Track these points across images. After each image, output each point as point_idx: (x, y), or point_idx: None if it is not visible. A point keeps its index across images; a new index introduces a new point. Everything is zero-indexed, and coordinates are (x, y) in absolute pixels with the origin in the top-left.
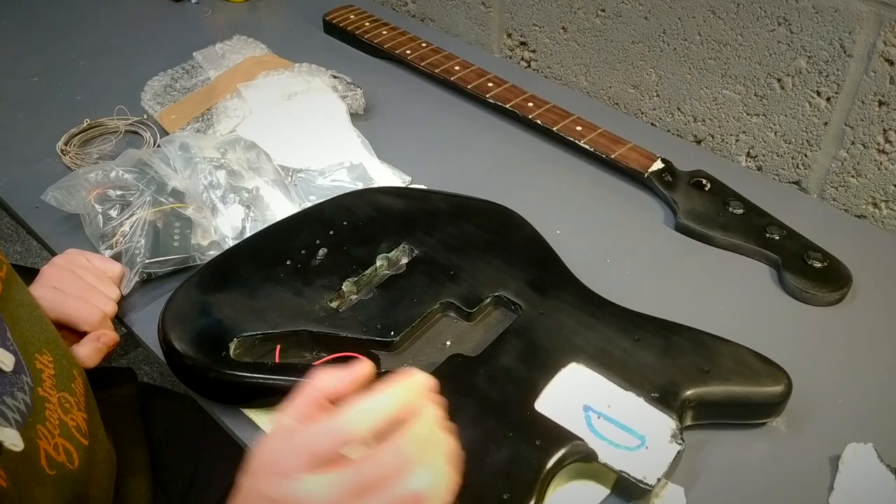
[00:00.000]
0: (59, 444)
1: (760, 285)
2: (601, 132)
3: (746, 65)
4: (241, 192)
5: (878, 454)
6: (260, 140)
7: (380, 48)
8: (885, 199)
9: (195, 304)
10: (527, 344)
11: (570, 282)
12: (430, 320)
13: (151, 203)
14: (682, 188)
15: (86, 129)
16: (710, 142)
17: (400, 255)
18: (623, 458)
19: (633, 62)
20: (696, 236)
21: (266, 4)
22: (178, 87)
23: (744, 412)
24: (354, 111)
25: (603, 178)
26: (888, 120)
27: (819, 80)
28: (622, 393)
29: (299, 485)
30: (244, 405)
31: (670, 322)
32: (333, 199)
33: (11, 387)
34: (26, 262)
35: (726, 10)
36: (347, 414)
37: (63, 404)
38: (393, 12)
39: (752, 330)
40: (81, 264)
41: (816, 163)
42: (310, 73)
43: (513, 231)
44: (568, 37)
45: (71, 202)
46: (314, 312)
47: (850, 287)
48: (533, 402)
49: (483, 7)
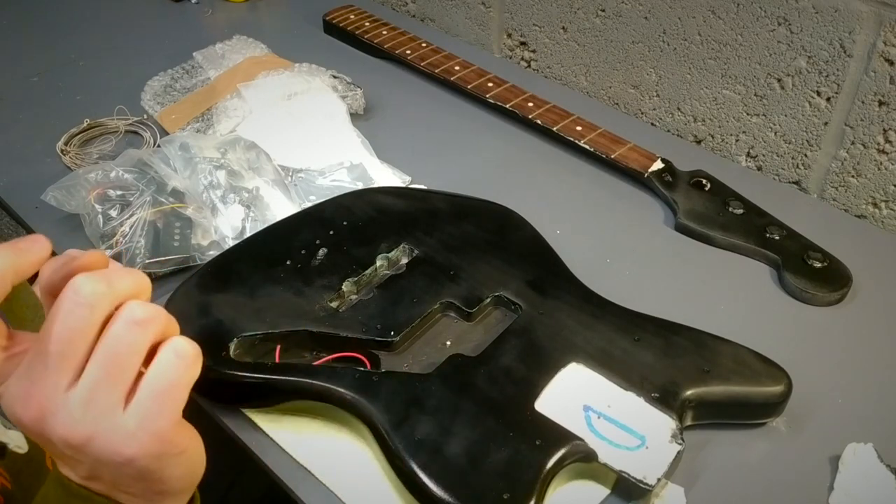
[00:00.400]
0: None
1: (760, 285)
2: (601, 132)
3: (746, 65)
4: (241, 192)
5: (878, 454)
6: (260, 140)
7: (380, 48)
8: (885, 199)
9: (195, 304)
10: (527, 344)
11: (570, 282)
12: (430, 320)
13: (151, 203)
14: (682, 188)
15: (86, 129)
16: (710, 142)
17: (400, 255)
18: (623, 458)
19: (633, 62)
20: (696, 236)
21: (266, 4)
22: (178, 87)
23: (744, 412)
24: (354, 111)
25: (603, 178)
26: (888, 120)
27: (819, 80)
28: (622, 393)
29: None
30: (244, 405)
31: (670, 322)
32: (333, 199)
33: None
34: None
35: (726, 10)
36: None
37: None
38: (393, 12)
39: (752, 330)
40: None
41: (816, 163)
42: (310, 73)
43: (513, 231)
44: (568, 37)
45: (71, 202)
46: (314, 312)
47: (850, 287)
48: (533, 402)
49: (483, 7)
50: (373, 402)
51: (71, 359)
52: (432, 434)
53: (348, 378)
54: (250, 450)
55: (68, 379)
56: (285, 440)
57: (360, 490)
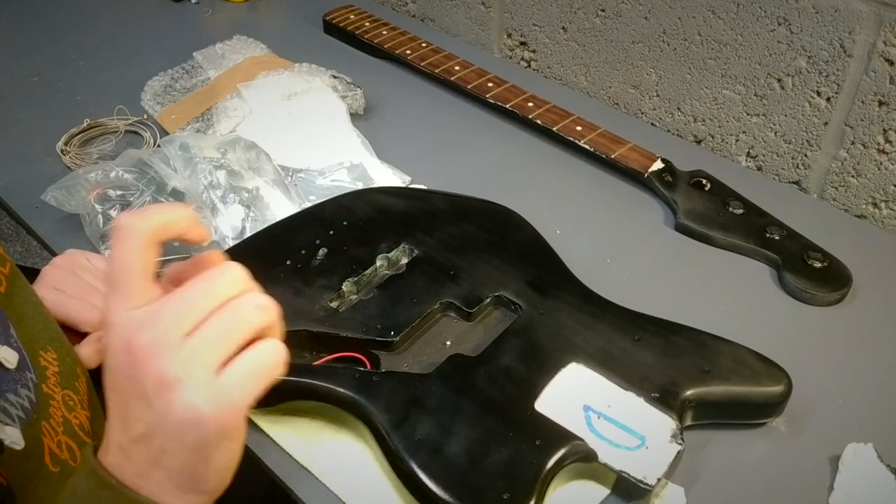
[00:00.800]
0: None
1: (760, 285)
2: (601, 132)
3: (746, 65)
4: (241, 192)
5: (878, 454)
6: (260, 140)
7: (380, 48)
8: (885, 199)
9: None
10: (527, 344)
11: (570, 282)
12: (430, 320)
13: (151, 203)
14: (682, 188)
15: (86, 129)
16: (710, 142)
17: (400, 255)
18: (623, 458)
19: (633, 62)
20: (696, 236)
21: (266, 4)
22: (178, 87)
23: (744, 412)
24: (354, 111)
25: (603, 178)
26: (888, 120)
27: (819, 80)
28: (622, 393)
29: (132, 314)
30: None
31: (670, 322)
32: (333, 199)
33: (15, 384)
34: (26, 262)
35: (726, 10)
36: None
37: (67, 402)
38: (393, 12)
39: (752, 330)
40: (82, 265)
41: (816, 163)
42: (310, 73)
43: (513, 231)
44: (568, 37)
45: (71, 202)
46: (314, 312)
47: (850, 287)
48: (533, 402)
49: (483, 7)
50: (373, 402)
51: (199, 314)
52: (432, 434)
53: (348, 378)
54: (250, 450)
55: (188, 328)
56: (285, 440)
57: (360, 490)
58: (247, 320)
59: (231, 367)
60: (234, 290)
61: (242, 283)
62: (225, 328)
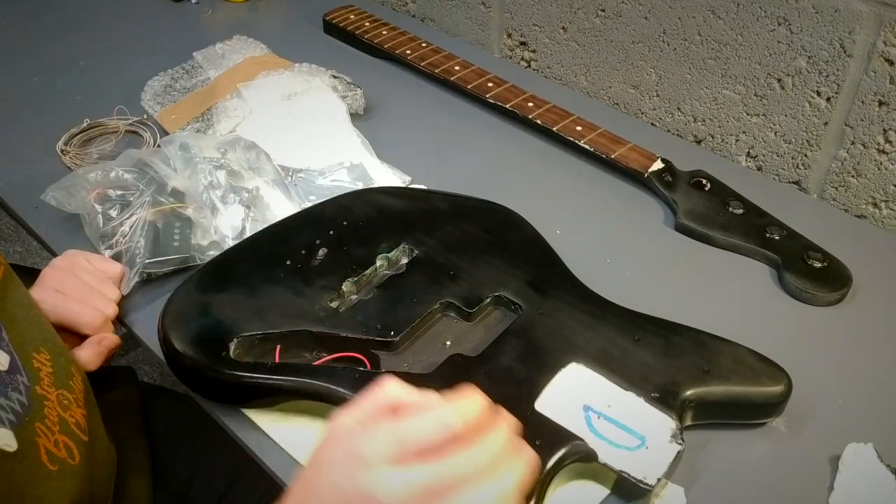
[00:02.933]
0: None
1: (760, 285)
2: (601, 132)
3: (746, 65)
4: (241, 192)
5: (878, 454)
6: (260, 140)
7: (380, 48)
8: (885, 199)
9: (195, 304)
10: (527, 344)
11: (570, 282)
12: (430, 320)
13: (151, 203)
14: (682, 188)
15: (86, 129)
16: (710, 142)
17: (400, 255)
18: (623, 458)
19: (633, 62)
20: (696, 236)
21: (266, 4)
22: (178, 87)
23: (744, 412)
24: (354, 111)
25: (603, 178)
26: (888, 120)
27: (819, 80)
28: (622, 393)
29: (379, 476)
30: (244, 405)
31: (670, 322)
32: (333, 199)
33: (5, 387)
34: (26, 262)
35: (726, 10)
36: (447, 406)
37: (62, 401)
38: (393, 12)
39: (752, 330)
40: (81, 265)
41: (816, 163)
42: (310, 73)
43: (513, 231)
44: (568, 37)
45: (71, 202)
46: (314, 312)
47: (850, 287)
48: (533, 402)
49: (483, 7)
50: None
51: (413, 448)
52: None
53: (348, 378)
54: (250, 450)
55: (397, 456)
56: (285, 440)
57: None
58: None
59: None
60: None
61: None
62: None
